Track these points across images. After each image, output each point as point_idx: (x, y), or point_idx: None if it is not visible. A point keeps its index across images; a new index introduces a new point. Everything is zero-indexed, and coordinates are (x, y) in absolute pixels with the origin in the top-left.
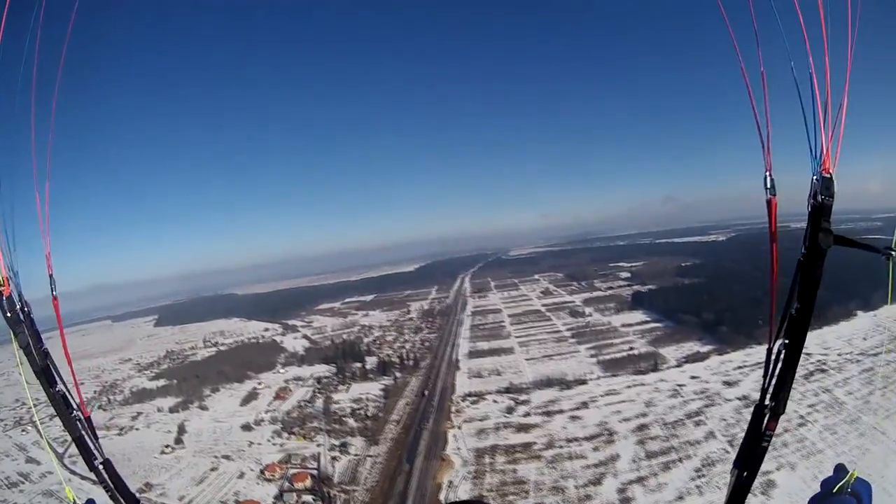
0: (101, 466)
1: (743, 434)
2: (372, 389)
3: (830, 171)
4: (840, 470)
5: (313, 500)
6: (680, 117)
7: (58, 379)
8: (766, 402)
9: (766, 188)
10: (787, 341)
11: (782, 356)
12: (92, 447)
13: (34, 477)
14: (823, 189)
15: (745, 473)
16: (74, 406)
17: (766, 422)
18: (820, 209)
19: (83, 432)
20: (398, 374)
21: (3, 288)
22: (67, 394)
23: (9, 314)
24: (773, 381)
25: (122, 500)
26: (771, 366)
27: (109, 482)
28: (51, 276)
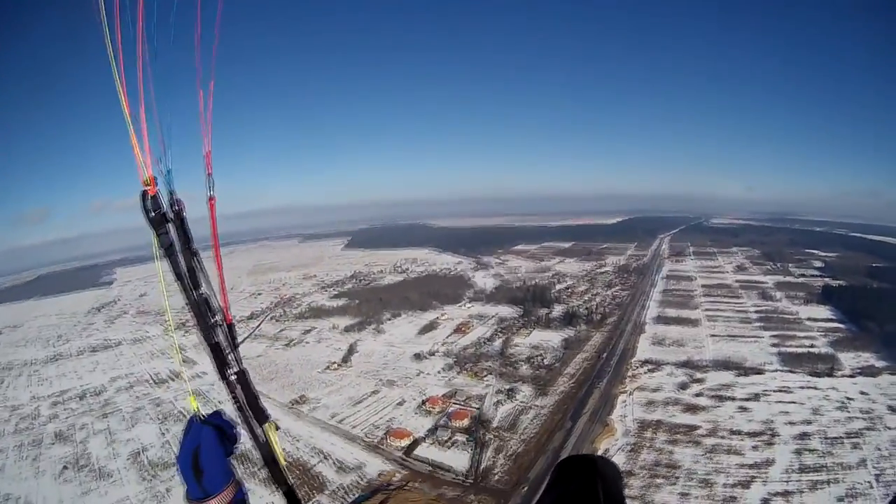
0: (234, 377)
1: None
2: (553, 339)
3: None
4: None
5: (466, 440)
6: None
7: (203, 283)
8: None
9: None
10: None
11: None
12: (229, 356)
13: (186, 376)
14: None
15: None
16: (217, 310)
17: None
18: None
19: (223, 339)
20: (582, 327)
21: (149, 188)
22: (213, 297)
23: (152, 214)
24: None
25: (250, 414)
26: None
27: (241, 395)
28: (209, 175)
